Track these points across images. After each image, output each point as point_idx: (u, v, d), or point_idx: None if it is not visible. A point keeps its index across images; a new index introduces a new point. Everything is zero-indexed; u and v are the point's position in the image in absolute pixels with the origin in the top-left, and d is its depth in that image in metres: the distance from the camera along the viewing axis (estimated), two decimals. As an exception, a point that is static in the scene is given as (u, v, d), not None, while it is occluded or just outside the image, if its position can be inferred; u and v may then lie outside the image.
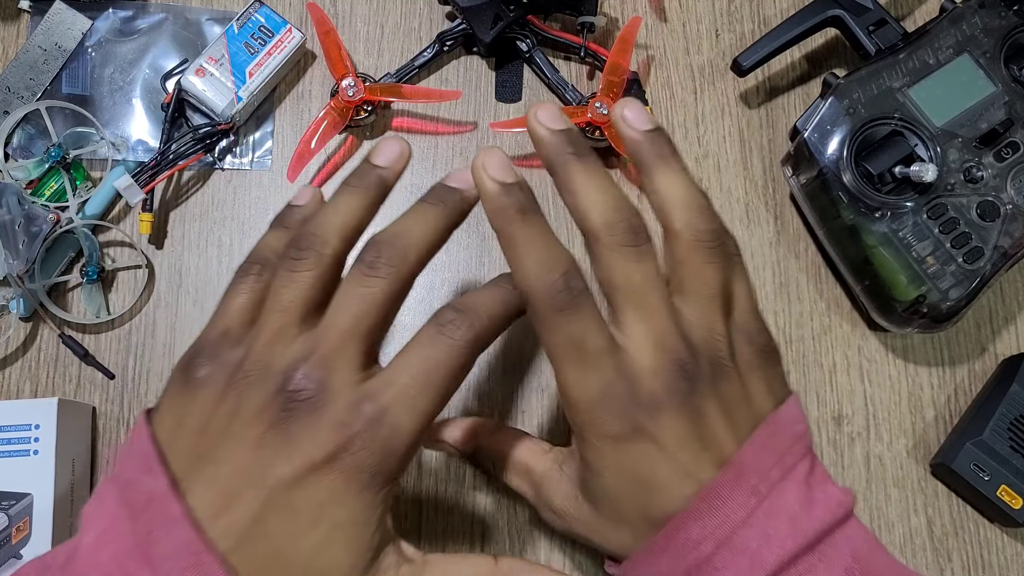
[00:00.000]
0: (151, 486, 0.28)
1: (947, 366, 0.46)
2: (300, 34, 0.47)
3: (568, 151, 0.32)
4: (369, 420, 0.28)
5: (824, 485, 0.31)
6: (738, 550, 0.29)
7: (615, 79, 0.46)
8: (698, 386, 0.30)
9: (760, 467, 0.30)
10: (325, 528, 0.27)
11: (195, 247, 0.46)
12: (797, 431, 0.32)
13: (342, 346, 0.29)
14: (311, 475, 0.27)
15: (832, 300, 0.47)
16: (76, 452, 0.41)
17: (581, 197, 0.31)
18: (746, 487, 0.29)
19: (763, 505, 0.29)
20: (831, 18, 0.46)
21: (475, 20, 0.46)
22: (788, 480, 0.30)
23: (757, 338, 0.33)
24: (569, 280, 0.30)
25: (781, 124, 0.49)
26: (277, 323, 0.30)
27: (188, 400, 0.30)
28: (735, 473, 0.30)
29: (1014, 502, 0.42)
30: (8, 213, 0.41)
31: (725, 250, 0.32)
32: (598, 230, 0.31)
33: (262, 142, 0.48)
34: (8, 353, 0.44)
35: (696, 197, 0.32)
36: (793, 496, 0.30)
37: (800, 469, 0.31)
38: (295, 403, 0.28)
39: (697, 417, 0.30)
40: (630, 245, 0.31)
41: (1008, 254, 0.42)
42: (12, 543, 0.38)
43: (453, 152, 0.48)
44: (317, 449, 0.27)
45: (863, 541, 0.31)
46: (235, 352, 0.30)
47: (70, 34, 0.47)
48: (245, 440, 0.28)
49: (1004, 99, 0.43)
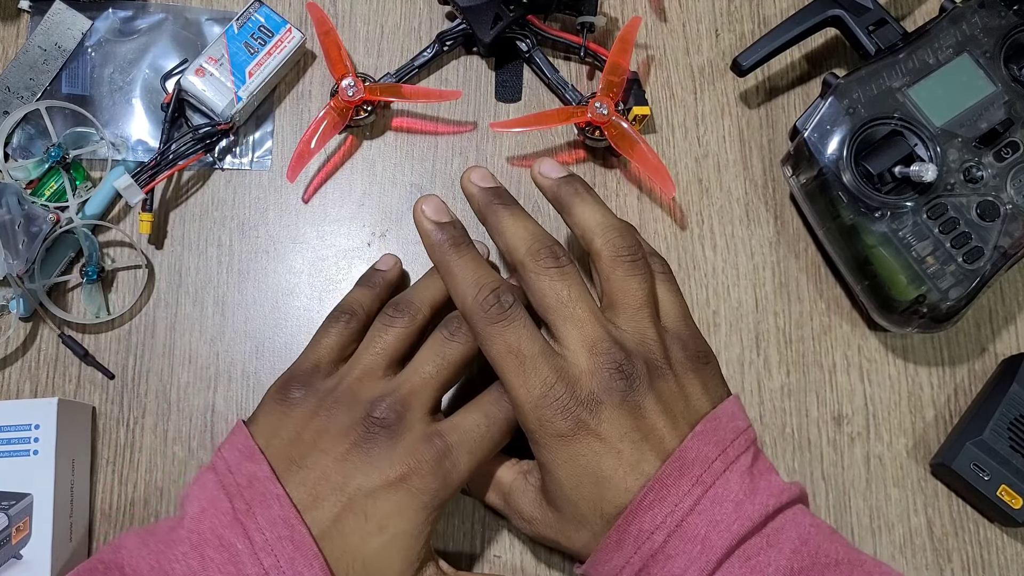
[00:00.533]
0: (253, 470, 0.33)
1: (947, 366, 0.46)
2: (300, 34, 0.47)
3: (496, 202, 0.38)
4: (437, 452, 0.34)
5: (767, 475, 0.33)
6: (688, 537, 0.31)
7: (615, 79, 0.46)
8: (635, 384, 0.33)
9: (703, 459, 0.33)
10: (389, 535, 0.33)
11: (195, 247, 0.46)
12: (738, 426, 0.34)
13: (421, 390, 0.35)
14: (384, 489, 0.33)
15: (832, 300, 0.47)
16: (76, 452, 0.41)
17: (508, 235, 0.36)
18: (691, 477, 0.32)
19: (708, 493, 0.32)
20: (831, 18, 0.46)
21: (475, 20, 0.46)
22: (731, 471, 0.33)
23: (691, 343, 0.36)
24: (500, 295, 0.35)
25: (781, 124, 0.49)
26: (369, 363, 0.36)
27: (283, 416, 0.35)
28: (679, 464, 0.32)
29: (1014, 502, 0.42)
30: (8, 213, 0.41)
31: (646, 263, 0.36)
32: (525, 259, 0.35)
33: (262, 142, 0.48)
34: (8, 353, 0.44)
35: (612, 220, 0.37)
36: (737, 484, 0.32)
37: (743, 461, 0.33)
38: (377, 428, 0.34)
39: (636, 411, 0.33)
40: (554, 267, 0.35)
41: (1008, 254, 0.42)
42: (12, 543, 0.38)
43: (453, 152, 0.48)
44: (392, 469, 0.33)
45: (811, 525, 0.33)
46: (326, 382, 0.36)
47: (70, 34, 0.47)
48: (331, 453, 0.33)
49: (1004, 99, 0.43)
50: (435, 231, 0.37)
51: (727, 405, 0.35)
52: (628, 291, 0.35)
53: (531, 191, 0.47)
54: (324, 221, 0.47)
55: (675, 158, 0.48)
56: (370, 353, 0.37)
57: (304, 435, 0.34)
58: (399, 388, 0.35)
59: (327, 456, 0.33)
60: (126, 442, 0.43)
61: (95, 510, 0.42)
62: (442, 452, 0.34)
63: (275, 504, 0.32)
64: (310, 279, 0.46)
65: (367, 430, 0.34)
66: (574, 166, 0.48)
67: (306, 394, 0.36)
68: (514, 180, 0.48)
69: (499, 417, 0.36)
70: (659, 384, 0.34)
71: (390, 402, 0.34)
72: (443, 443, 0.34)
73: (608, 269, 0.36)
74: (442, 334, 0.37)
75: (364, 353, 0.37)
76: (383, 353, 0.36)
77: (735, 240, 0.47)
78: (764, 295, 0.47)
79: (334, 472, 0.33)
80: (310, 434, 0.34)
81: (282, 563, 0.31)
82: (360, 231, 0.47)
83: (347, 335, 0.38)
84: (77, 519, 0.41)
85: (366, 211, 0.47)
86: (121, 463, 0.43)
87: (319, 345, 0.38)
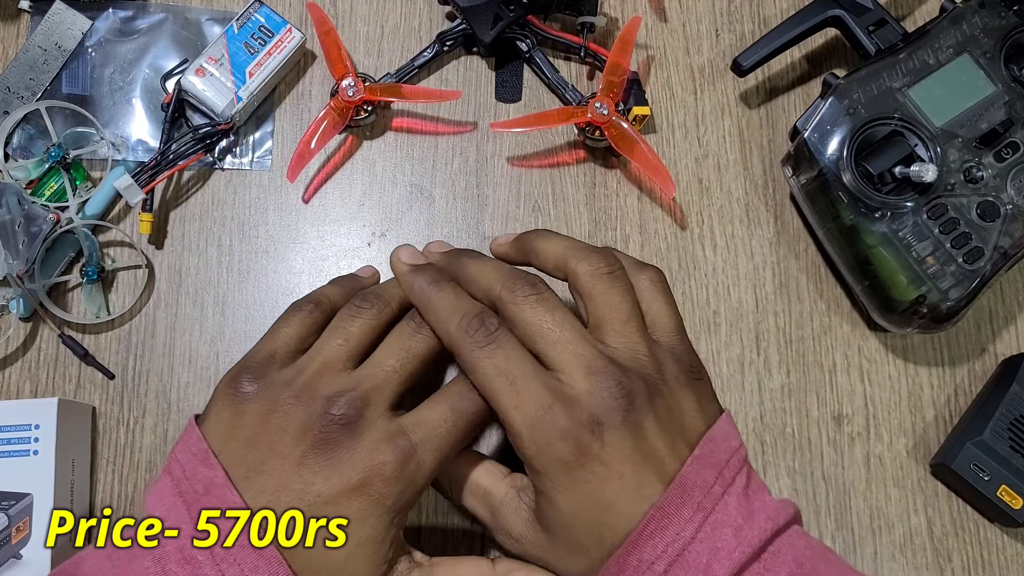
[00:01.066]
0: (210, 476, 0.31)
1: (947, 366, 0.46)
2: (300, 34, 0.47)
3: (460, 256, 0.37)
4: (401, 453, 0.32)
5: (761, 495, 0.32)
6: (690, 566, 0.30)
7: (615, 79, 0.46)
8: (636, 402, 0.32)
9: (702, 483, 0.31)
10: (352, 543, 0.31)
11: (195, 247, 0.46)
12: (732, 446, 0.33)
13: (384, 385, 0.33)
14: (344, 496, 0.31)
15: (832, 300, 0.47)
16: (76, 452, 0.41)
17: (480, 278, 0.35)
18: (692, 503, 0.31)
19: (709, 519, 0.30)
20: (831, 18, 0.46)
21: (475, 20, 0.46)
22: (729, 494, 0.31)
23: (685, 358, 0.35)
24: (484, 319, 0.33)
25: (781, 124, 0.49)
26: (330, 354, 0.34)
27: (237, 414, 0.33)
28: (680, 490, 0.31)
29: (1014, 502, 0.42)
30: (8, 213, 0.41)
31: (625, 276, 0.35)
32: (501, 294, 0.34)
33: (262, 142, 0.48)
34: (8, 353, 0.44)
35: (579, 242, 0.36)
36: (735, 508, 0.31)
37: (739, 482, 0.32)
38: (335, 427, 0.32)
39: (637, 431, 0.31)
40: (532, 294, 0.34)
41: (1008, 254, 0.42)
42: (12, 543, 0.38)
43: (453, 152, 0.48)
44: (353, 472, 0.31)
45: (806, 547, 0.32)
46: (281, 374, 0.34)
47: (70, 34, 0.47)
48: (289, 457, 0.32)
49: (1004, 99, 0.43)
50: (411, 273, 0.36)
51: (721, 424, 0.34)
52: (611, 305, 0.34)
53: (531, 191, 0.47)
54: (324, 221, 0.47)
55: (675, 158, 0.48)
56: (332, 343, 0.34)
57: (261, 437, 0.32)
58: (360, 383, 0.33)
59: (285, 461, 0.32)
60: (126, 442, 0.43)
61: (95, 510, 0.42)
62: (406, 452, 0.32)
63: None
64: (310, 279, 0.46)
65: (325, 430, 0.32)
66: (574, 166, 0.48)
67: (260, 388, 0.33)
68: (514, 180, 0.48)
69: (467, 411, 0.34)
70: (657, 402, 0.32)
71: (349, 398, 0.32)
72: (407, 442, 0.32)
73: (587, 286, 0.34)
74: (408, 326, 0.35)
75: (325, 343, 0.34)
76: (345, 345, 0.34)
77: (735, 240, 0.47)
78: (764, 295, 0.47)
79: (293, 479, 0.31)
80: (267, 436, 0.32)
81: (246, 571, 0.30)
82: (360, 231, 0.47)
83: (309, 324, 0.36)
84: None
85: (366, 211, 0.47)
86: (121, 463, 0.43)
87: (277, 334, 0.35)
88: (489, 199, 0.47)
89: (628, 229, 0.47)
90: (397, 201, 0.47)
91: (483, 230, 0.47)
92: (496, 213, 0.47)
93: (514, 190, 0.47)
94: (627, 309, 0.34)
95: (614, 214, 0.47)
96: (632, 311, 0.34)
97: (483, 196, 0.47)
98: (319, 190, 0.47)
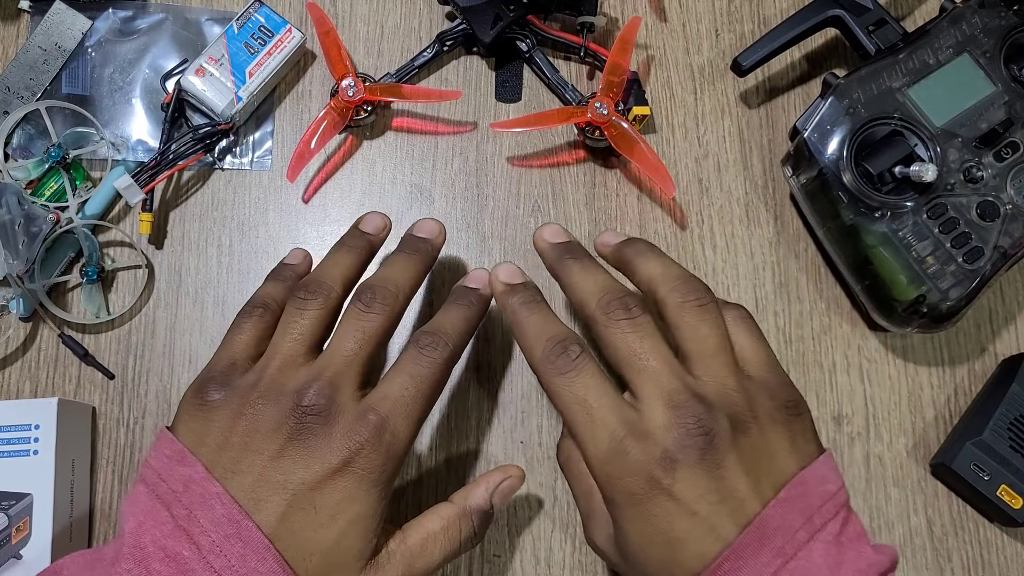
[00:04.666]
0: (187, 473, 0.31)
1: (947, 366, 0.46)
2: (300, 34, 0.47)
3: (566, 256, 0.37)
4: (374, 427, 0.32)
5: (857, 544, 0.31)
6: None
7: (615, 79, 0.46)
8: (716, 440, 0.31)
9: (786, 527, 0.30)
10: (343, 522, 0.31)
11: (195, 247, 0.46)
12: (828, 490, 0.32)
13: (347, 369, 0.33)
14: (329, 479, 0.31)
15: (832, 300, 0.47)
16: (76, 452, 0.41)
17: (578, 289, 0.35)
18: (771, 548, 0.29)
19: (788, 565, 0.29)
20: (831, 18, 0.46)
21: (475, 20, 0.46)
22: (816, 540, 0.30)
23: (779, 392, 0.33)
24: (567, 346, 0.33)
25: (781, 124, 0.49)
26: (288, 351, 0.34)
27: (205, 422, 0.33)
28: (758, 534, 0.30)
29: (1014, 502, 0.42)
30: (8, 213, 0.41)
31: (716, 307, 0.34)
32: (595, 312, 0.34)
33: (262, 142, 0.48)
34: (8, 353, 0.44)
35: (676, 270, 0.36)
36: (821, 556, 0.30)
37: (830, 528, 0.30)
38: (309, 417, 0.32)
39: (715, 470, 0.30)
40: (625, 318, 0.33)
41: (1008, 254, 0.42)
42: (12, 543, 0.38)
43: (453, 152, 0.48)
44: (334, 455, 0.32)
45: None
46: (245, 378, 0.34)
47: (70, 34, 0.47)
48: (265, 452, 0.32)
49: (1004, 99, 0.43)
50: (507, 293, 0.37)
51: (818, 466, 0.32)
52: (699, 338, 0.33)
53: (531, 191, 0.47)
54: (324, 221, 0.47)
55: (675, 158, 0.48)
56: (287, 341, 0.35)
57: (232, 439, 0.32)
58: (324, 371, 0.33)
59: (262, 456, 0.32)
60: (126, 442, 0.43)
61: (95, 510, 0.42)
62: (379, 426, 0.32)
63: (216, 503, 0.30)
64: (310, 279, 0.46)
65: (299, 421, 0.32)
66: (574, 166, 0.48)
67: (226, 395, 0.33)
68: (514, 180, 0.48)
69: (424, 375, 0.34)
70: (742, 440, 0.31)
71: (318, 387, 0.32)
72: (377, 417, 0.32)
73: (676, 316, 0.34)
74: (357, 307, 0.35)
75: (281, 341, 0.35)
76: (301, 339, 0.35)
77: (735, 240, 0.47)
78: (764, 295, 0.47)
79: (272, 472, 0.31)
80: (239, 437, 0.32)
81: (233, 562, 0.29)
82: (360, 231, 0.47)
83: (261, 328, 0.36)
84: (77, 519, 0.41)
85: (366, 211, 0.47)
86: (121, 463, 0.43)
87: (233, 342, 0.36)
88: (489, 199, 0.47)
89: (628, 229, 0.47)
90: (397, 201, 0.47)
91: (483, 230, 0.47)
92: (496, 213, 0.47)
93: (514, 190, 0.47)
94: (716, 342, 0.33)
95: (614, 214, 0.47)
96: (721, 344, 0.33)
97: (483, 196, 0.47)
98: (319, 190, 0.47)
